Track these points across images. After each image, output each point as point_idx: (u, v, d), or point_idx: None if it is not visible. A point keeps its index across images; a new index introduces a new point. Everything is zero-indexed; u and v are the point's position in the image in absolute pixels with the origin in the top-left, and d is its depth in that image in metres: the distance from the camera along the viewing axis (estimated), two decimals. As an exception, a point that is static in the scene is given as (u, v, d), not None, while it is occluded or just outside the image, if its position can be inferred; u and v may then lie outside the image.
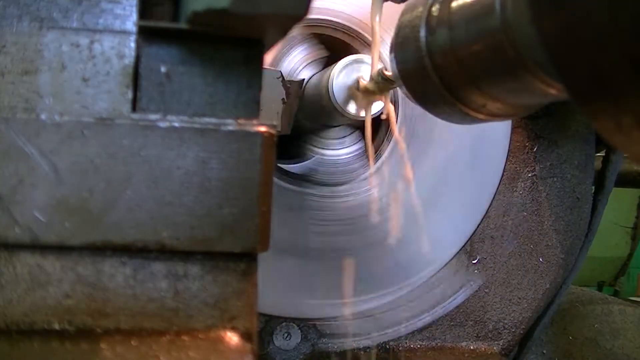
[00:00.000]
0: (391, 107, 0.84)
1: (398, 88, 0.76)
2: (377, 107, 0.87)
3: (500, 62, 0.49)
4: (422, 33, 0.56)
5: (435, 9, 0.55)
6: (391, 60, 0.62)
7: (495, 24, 0.48)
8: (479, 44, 0.50)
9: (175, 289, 0.50)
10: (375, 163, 0.98)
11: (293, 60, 0.98)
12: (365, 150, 0.98)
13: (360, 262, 0.96)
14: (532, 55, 0.46)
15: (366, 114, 0.85)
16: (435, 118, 0.62)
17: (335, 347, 1.00)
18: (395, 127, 0.84)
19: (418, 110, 0.62)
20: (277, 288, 0.96)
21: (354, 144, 1.02)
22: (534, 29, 0.36)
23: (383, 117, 0.87)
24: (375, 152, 0.98)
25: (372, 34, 0.77)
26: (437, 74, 0.55)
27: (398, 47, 0.60)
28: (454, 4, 0.53)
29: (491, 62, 0.50)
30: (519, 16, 0.45)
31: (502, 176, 1.04)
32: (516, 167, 1.05)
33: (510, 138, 1.04)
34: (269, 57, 0.93)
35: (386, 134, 0.99)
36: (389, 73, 0.73)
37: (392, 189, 0.98)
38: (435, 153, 1.01)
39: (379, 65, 0.79)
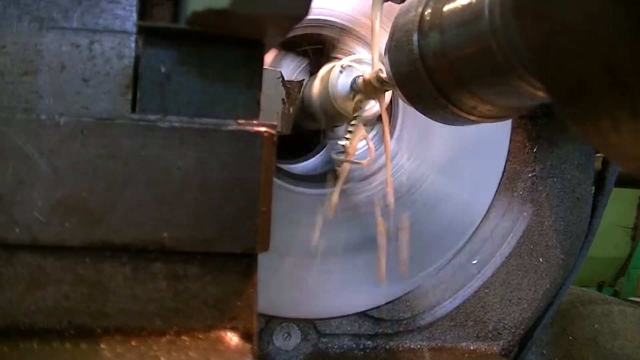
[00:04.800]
0: (384, 109, 0.84)
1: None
2: (374, 108, 0.87)
3: (489, 66, 0.50)
4: (415, 36, 0.56)
5: (427, 13, 0.56)
6: (385, 63, 0.63)
7: (484, 28, 0.49)
8: (469, 48, 0.51)
9: (175, 289, 0.50)
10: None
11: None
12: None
13: (360, 262, 0.96)
14: (519, 60, 0.47)
15: (373, 113, 0.85)
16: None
17: (335, 347, 0.99)
18: (387, 130, 0.84)
19: (417, 113, 0.62)
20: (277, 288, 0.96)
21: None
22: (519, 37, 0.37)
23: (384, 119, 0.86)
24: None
25: (372, 34, 0.77)
26: (429, 77, 0.56)
27: (392, 50, 0.61)
28: (445, 9, 0.54)
29: (481, 65, 0.51)
30: (506, 22, 0.46)
31: (502, 176, 1.04)
32: (516, 167, 1.05)
33: (510, 138, 1.04)
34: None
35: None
36: (384, 75, 0.74)
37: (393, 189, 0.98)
38: (435, 154, 1.01)
39: (379, 66, 0.79)
